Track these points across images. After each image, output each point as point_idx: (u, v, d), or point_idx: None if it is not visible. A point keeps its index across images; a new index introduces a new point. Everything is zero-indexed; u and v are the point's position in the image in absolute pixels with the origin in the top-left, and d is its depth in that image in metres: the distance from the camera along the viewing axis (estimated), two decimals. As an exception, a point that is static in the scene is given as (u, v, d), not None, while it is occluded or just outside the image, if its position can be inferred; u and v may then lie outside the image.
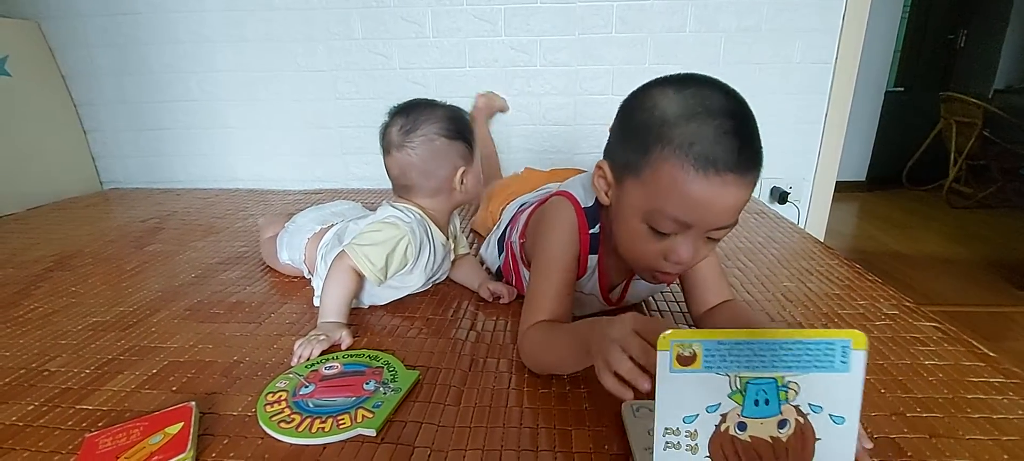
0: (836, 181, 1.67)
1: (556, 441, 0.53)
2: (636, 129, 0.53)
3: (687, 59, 1.55)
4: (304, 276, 0.95)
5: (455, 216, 0.92)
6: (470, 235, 1.22)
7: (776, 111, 1.59)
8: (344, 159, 1.75)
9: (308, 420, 0.55)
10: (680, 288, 0.76)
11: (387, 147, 0.81)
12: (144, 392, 0.63)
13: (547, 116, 1.65)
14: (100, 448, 0.51)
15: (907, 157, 3.38)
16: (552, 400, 0.60)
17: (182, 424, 0.53)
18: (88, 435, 0.53)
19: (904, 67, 3.68)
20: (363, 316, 0.83)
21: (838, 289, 0.90)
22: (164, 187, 1.81)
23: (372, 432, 0.54)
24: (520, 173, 1.21)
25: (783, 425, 0.38)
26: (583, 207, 0.66)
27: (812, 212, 1.71)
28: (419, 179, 0.80)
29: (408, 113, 0.80)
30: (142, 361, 0.70)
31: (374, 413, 0.56)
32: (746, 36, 1.53)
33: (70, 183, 1.74)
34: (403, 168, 0.80)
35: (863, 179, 3.57)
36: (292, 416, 0.56)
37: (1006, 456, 0.51)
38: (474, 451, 0.52)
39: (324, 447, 0.52)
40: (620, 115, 0.58)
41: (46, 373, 0.68)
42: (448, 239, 0.88)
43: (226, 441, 0.54)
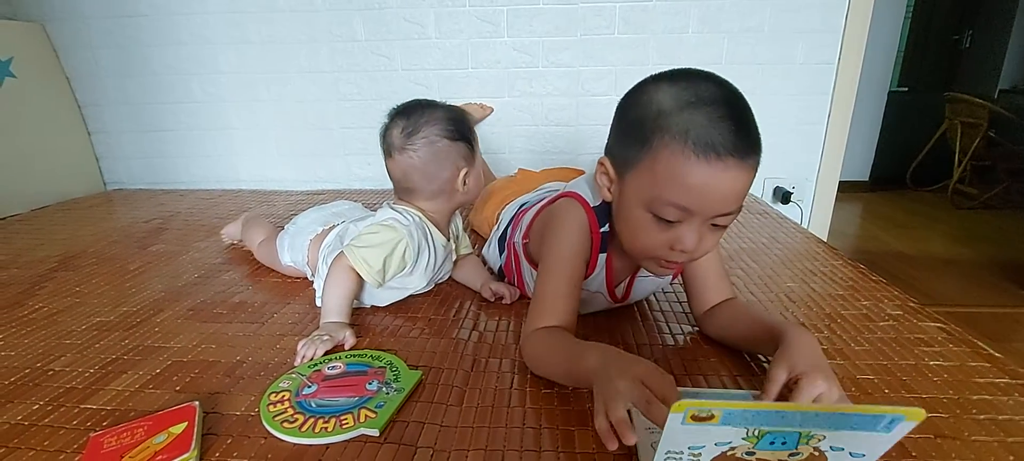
0: (839, 181, 1.66)
1: (559, 442, 0.53)
2: (634, 124, 0.55)
3: (690, 60, 1.51)
4: (307, 278, 0.95)
5: (457, 216, 0.92)
6: (470, 235, 1.22)
7: (779, 111, 1.58)
8: (346, 160, 1.76)
9: (311, 420, 0.55)
10: (682, 287, 0.76)
11: (388, 150, 0.80)
12: (148, 392, 0.64)
13: (549, 117, 1.65)
14: (104, 447, 0.51)
15: (911, 158, 3.37)
16: (555, 400, 0.59)
17: (186, 424, 0.54)
18: (93, 434, 0.53)
19: (908, 67, 3.67)
20: (365, 316, 0.83)
21: (842, 290, 0.90)
22: (167, 188, 1.81)
23: (375, 432, 0.54)
24: (515, 175, 1.21)
25: (795, 453, 0.37)
26: (592, 206, 0.67)
27: (815, 212, 1.70)
28: (421, 181, 0.80)
29: (408, 115, 0.79)
30: (146, 361, 0.71)
31: (377, 413, 0.56)
32: (749, 37, 1.52)
33: (74, 184, 1.75)
34: (405, 171, 0.79)
35: (866, 179, 3.55)
36: (295, 416, 0.56)
37: (1012, 457, 0.50)
38: (476, 451, 0.52)
39: (327, 447, 0.53)
40: (618, 113, 0.59)
41: (51, 373, 0.68)
42: (449, 240, 0.88)
43: (229, 441, 0.54)
